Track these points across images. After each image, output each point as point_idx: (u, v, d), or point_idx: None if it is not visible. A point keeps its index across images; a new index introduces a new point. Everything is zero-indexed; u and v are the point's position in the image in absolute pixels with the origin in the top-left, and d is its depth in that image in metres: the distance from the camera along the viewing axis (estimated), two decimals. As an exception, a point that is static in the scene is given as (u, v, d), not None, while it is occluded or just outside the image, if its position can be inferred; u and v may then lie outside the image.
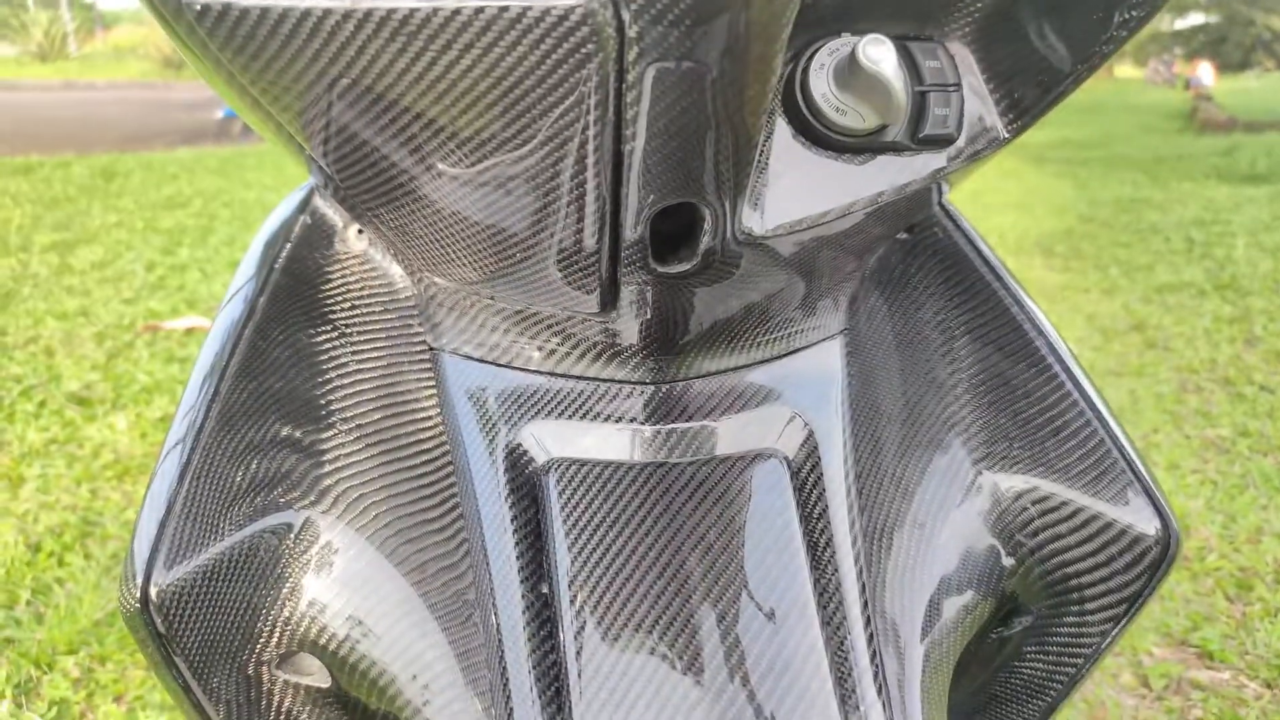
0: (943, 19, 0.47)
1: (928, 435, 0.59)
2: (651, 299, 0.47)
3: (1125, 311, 3.27)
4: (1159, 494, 0.55)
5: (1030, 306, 0.59)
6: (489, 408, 0.53)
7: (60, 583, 1.68)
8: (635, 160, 0.39)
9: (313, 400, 0.55)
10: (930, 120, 0.46)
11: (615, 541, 0.49)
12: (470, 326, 0.54)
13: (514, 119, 0.37)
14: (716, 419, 0.53)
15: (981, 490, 0.58)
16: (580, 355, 0.52)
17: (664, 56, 0.35)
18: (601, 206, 0.41)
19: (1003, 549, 0.57)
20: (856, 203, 0.46)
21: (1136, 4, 0.44)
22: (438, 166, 0.42)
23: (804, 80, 0.44)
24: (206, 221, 4.73)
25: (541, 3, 0.33)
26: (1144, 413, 2.42)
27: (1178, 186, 6.12)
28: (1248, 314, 3.14)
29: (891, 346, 0.61)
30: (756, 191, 0.45)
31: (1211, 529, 1.88)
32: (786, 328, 0.55)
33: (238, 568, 0.50)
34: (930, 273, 0.61)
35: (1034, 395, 0.58)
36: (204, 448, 0.51)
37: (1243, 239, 4.21)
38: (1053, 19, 0.46)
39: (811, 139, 0.46)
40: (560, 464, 0.51)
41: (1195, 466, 2.15)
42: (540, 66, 0.35)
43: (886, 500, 0.56)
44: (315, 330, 0.56)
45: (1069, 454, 0.57)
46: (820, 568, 0.50)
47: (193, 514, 0.49)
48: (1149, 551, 0.54)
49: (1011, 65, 0.47)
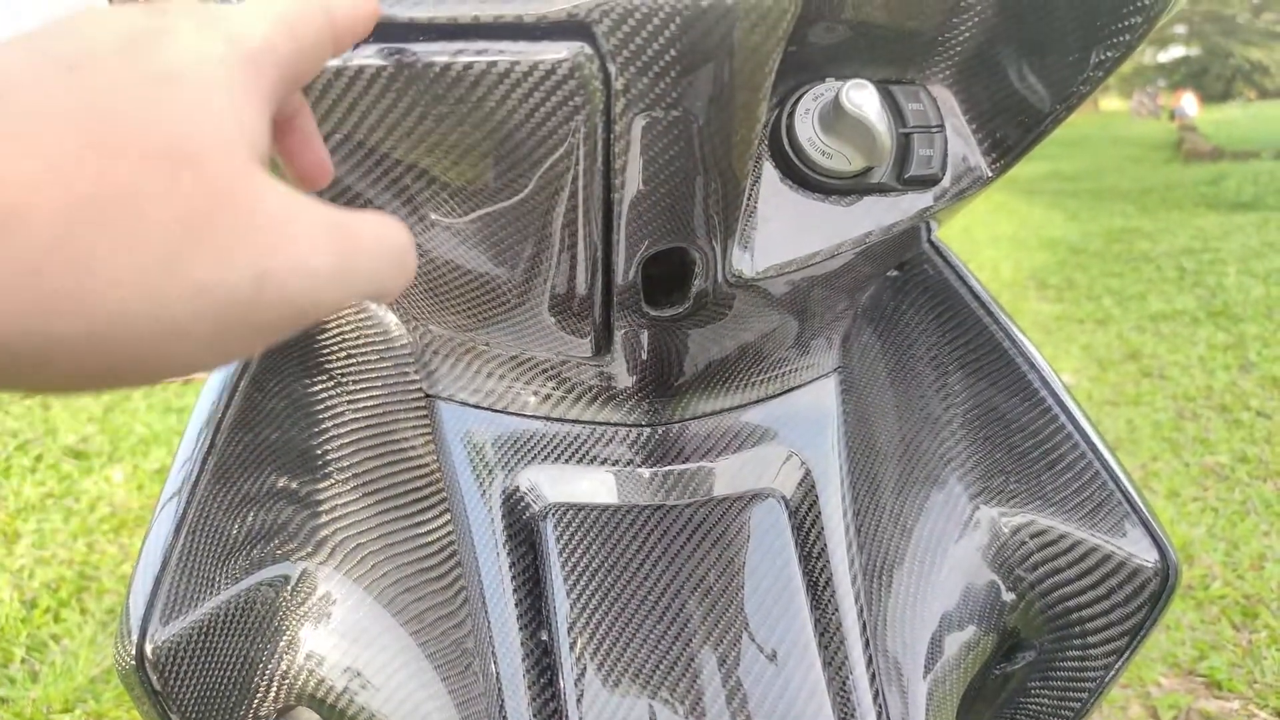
0: (924, 62, 0.48)
1: (924, 471, 0.59)
2: (645, 342, 0.48)
3: (1120, 341, 3.28)
4: (1156, 525, 0.55)
5: (1022, 341, 0.60)
6: (485, 454, 0.53)
7: (56, 639, 1.66)
8: (625, 207, 0.39)
9: (309, 450, 0.55)
10: (915, 161, 0.47)
11: (614, 586, 0.48)
12: (466, 373, 0.54)
13: (506, 169, 0.38)
14: (713, 460, 0.53)
15: (979, 525, 0.58)
16: (576, 399, 0.53)
17: (650, 106, 0.36)
18: (593, 253, 0.42)
19: (1003, 584, 0.57)
20: (845, 243, 0.47)
21: (1112, 44, 0.45)
22: (431, 216, 0.42)
23: (790, 125, 0.45)
24: (203, 271, 4.75)
25: (530, 57, 0.34)
26: (1142, 441, 2.41)
27: (1167, 216, 6.18)
28: (1242, 340, 3.16)
29: (886, 383, 0.61)
30: (746, 234, 0.45)
31: (1214, 556, 1.87)
32: (781, 367, 0.55)
33: (234, 622, 0.50)
34: (922, 309, 0.62)
35: (1028, 429, 0.58)
36: (199, 501, 0.51)
37: (1233, 266, 4.24)
38: (1031, 60, 0.47)
39: (799, 182, 0.46)
40: (557, 509, 0.51)
41: (1195, 494, 2.14)
42: (530, 118, 0.36)
43: (885, 537, 0.56)
44: (311, 380, 0.56)
45: (1065, 487, 0.57)
46: (821, 607, 0.50)
47: (188, 569, 0.49)
48: (1149, 583, 0.54)
49: (992, 106, 0.48)
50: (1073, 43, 0.46)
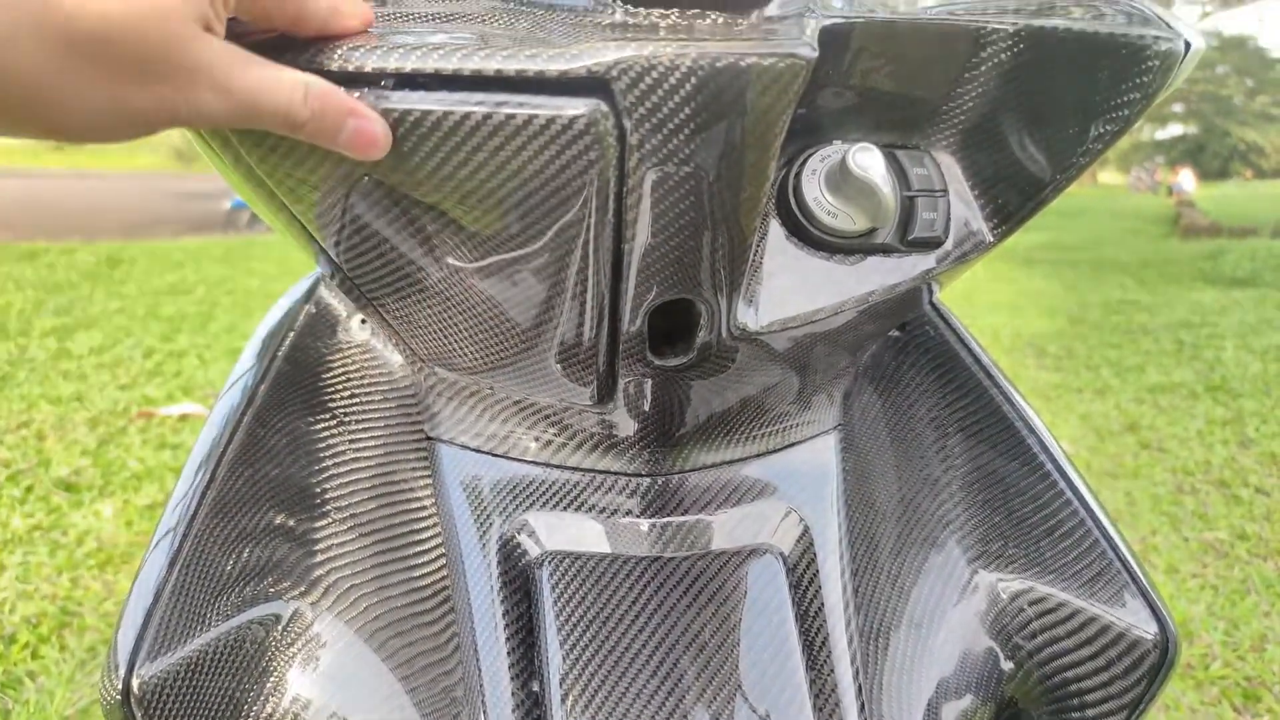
0: (928, 129, 0.49)
1: (923, 533, 0.59)
2: (648, 391, 0.48)
3: (1118, 412, 3.28)
4: (1156, 596, 0.55)
5: (1022, 405, 0.60)
6: (484, 498, 0.53)
7: (32, 676, 1.63)
8: (634, 258, 0.40)
9: (308, 489, 0.55)
10: (918, 223, 0.48)
11: (608, 638, 0.48)
12: (468, 416, 0.55)
13: (520, 217, 0.39)
14: (712, 513, 0.53)
15: (978, 590, 0.58)
16: (577, 446, 0.53)
17: (663, 161, 0.37)
18: (601, 301, 0.42)
19: (1001, 651, 0.56)
20: (848, 301, 0.47)
21: (1111, 119, 0.46)
22: (445, 260, 0.43)
23: (797, 184, 0.46)
24: (208, 309, 4.77)
25: (548, 111, 0.35)
26: (1141, 514, 2.40)
27: (1165, 289, 6.22)
28: (1240, 416, 3.16)
29: (886, 443, 0.61)
30: (751, 289, 0.46)
31: (1214, 635, 1.85)
32: (782, 422, 0.55)
33: (223, 660, 0.49)
34: (922, 370, 0.62)
35: (1027, 494, 0.58)
36: (196, 535, 0.50)
37: (1231, 341, 4.26)
38: (1032, 131, 0.48)
39: (804, 240, 0.47)
40: (554, 557, 0.50)
41: (1195, 570, 2.12)
42: (546, 169, 0.37)
43: (883, 599, 0.55)
44: (314, 418, 0.56)
45: (1064, 554, 0.57)
46: (816, 667, 0.49)
47: (180, 603, 0.49)
48: (1148, 655, 0.54)
49: (995, 173, 0.49)
50: (1073, 115, 0.47)
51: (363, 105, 0.35)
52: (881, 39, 0.44)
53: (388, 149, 0.36)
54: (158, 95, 0.31)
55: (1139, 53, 0.45)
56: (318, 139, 0.35)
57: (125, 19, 0.29)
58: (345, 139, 0.35)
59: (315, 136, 0.35)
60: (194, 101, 0.31)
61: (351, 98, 0.35)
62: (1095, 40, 0.45)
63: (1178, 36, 0.45)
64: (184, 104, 0.31)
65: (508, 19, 0.41)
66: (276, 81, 0.33)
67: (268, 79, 0.33)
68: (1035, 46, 0.45)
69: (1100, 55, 0.45)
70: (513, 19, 0.41)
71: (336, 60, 0.36)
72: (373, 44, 0.36)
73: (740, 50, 0.35)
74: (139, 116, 0.31)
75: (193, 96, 0.31)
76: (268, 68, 0.34)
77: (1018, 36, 0.45)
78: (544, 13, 0.41)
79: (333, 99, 0.35)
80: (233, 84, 0.32)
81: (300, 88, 0.34)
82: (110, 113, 0.30)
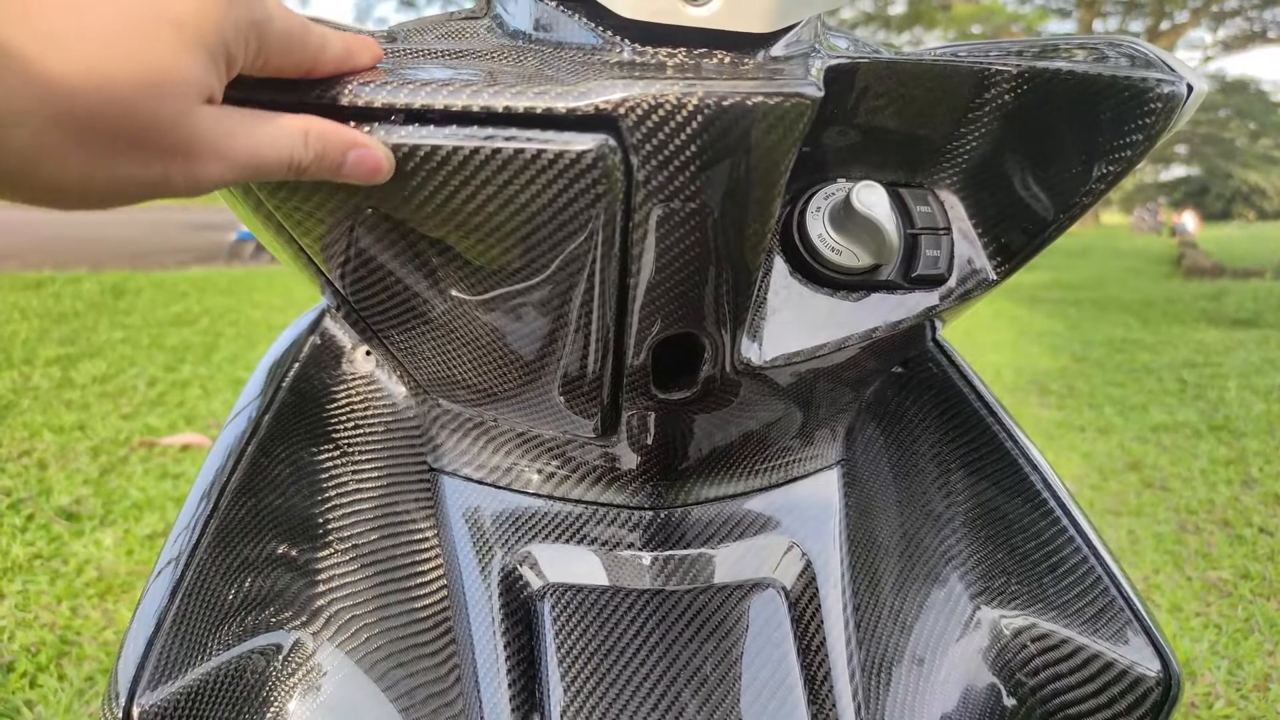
0: (932, 168, 0.50)
1: (925, 569, 0.59)
2: (652, 425, 0.48)
3: (1121, 450, 3.27)
4: (1159, 634, 0.54)
5: (1025, 442, 0.60)
6: (486, 530, 0.53)
7: (30, 705, 1.61)
8: (639, 292, 0.40)
9: (310, 519, 0.55)
10: (922, 261, 0.48)
11: (609, 671, 0.48)
12: (472, 448, 0.55)
13: (527, 251, 0.39)
14: (714, 546, 0.53)
15: (980, 626, 0.57)
16: (580, 479, 0.53)
17: (669, 198, 0.37)
18: (606, 335, 0.43)
19: (1003, 688, 0.56)
20: (851, 337, 0.48)
21: (1114, 159, 0.47)
22: (451, 293, 0.43)
23: (801, 221, 0.47)
24: (212, 339, 4.78)
25: (556, 146, 0.36)
26: (1144, 553, 2.38)
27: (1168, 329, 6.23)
28: (1243, 456, 3.14)
29: (888, 478, 0.61)
30: (755, 324, 0.46)
31: (1217, 675, 1.83)
32: (784, 456, 0.56)
33: (223, 690, 0.49)
34: (925, 406, 0.62)
35: (1030, 531, 0.58)
36: (198, 564, 0.50)
37: (1234, 381, 4.26)
38: (1035, 170, 0.48)
39: (808, 276, 0.48)
40: (556, 589, 0.50)
41: (1198, 609, 2.10)
42: (553, 204, 0.37)
43: (885, 634, 0.55)
44: (318, 449, 0.56)
45: (1067, 591, 0.56)
46: (818, 702, 0.49)
47: (182, 632, 0.49)
48: (1151, 693, 0.53)
49: (998, 212, 0.50)
50: (1076, 156, 0.47)
51: (362, 135, 0.36)
52: (886, 79, 0.44)
53: (390, 173, 0.37)
54: (155, 169, 0.31)
55: (1141, 95, 0.45)
56: (321, 176, 0.36)
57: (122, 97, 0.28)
58: (348, 170, 0.36)
59: (319, 175, 0.36)
60: (193, 173, 0.32)
61: (350, 130, 0.36)
62: (1098, 83, 0.45)
63: (1180, 79, 0.46)
64: (181, 175, 0.31)
65: (516, 56, 0.42)
66: (276, 137, 0.33)
67: (267, 136, 0.33)
68: (1038, 88, 0.46)
69: (1103, 97, 0.46)
70: (521, 56, 0.42)
71: (346, 96, 0.36)
72: (382, 80, 0.37)
73: (746, 89, 0.35)
74: (134, 188, 0.31)
75: (190, 168, 0.31)
76: (266, 123, 0.34)
77: (1021, 78, 0.46)
78: (552, 50, 0.42)
79: (333, 136, 0.35)
80: (233, 149, 0.32)
81: (300, 134, 0.34)
82: (105, 184, 0.30)
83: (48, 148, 0.28)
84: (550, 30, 0.43)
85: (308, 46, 0.35)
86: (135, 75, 0.29)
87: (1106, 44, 0.50)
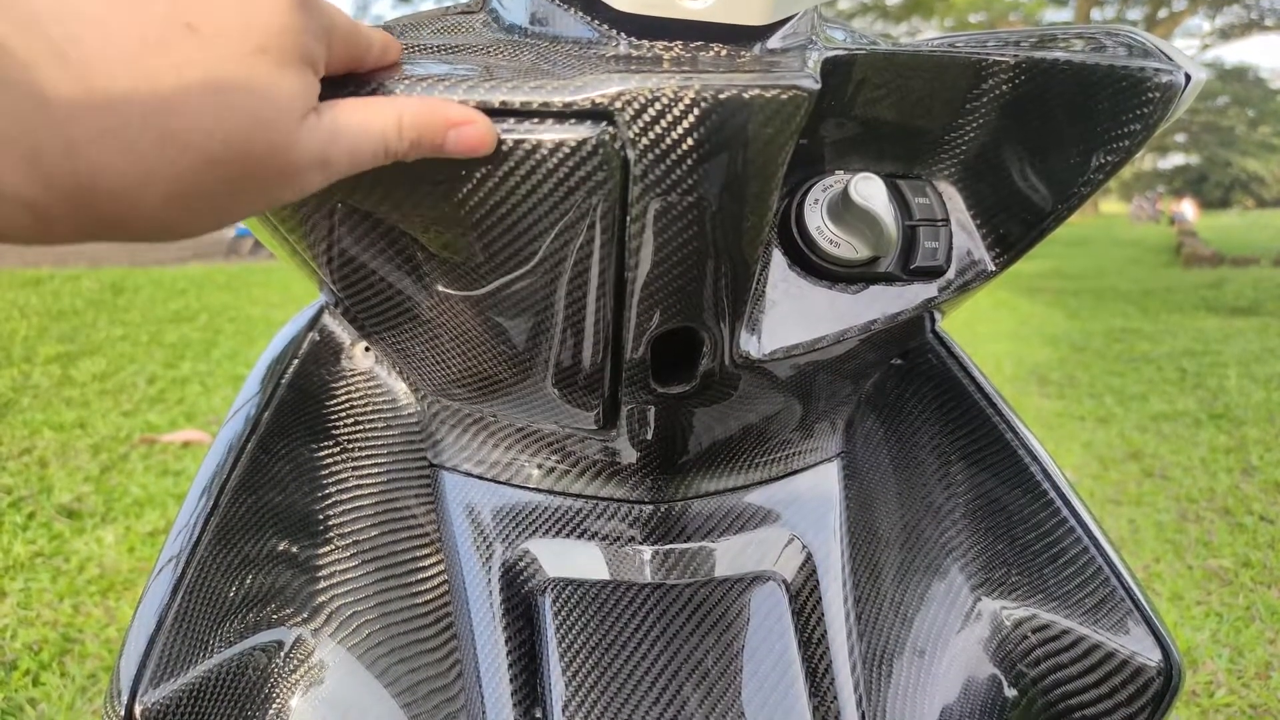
0: (930, 159, 0.50)
1: (926, 560, 0.59)
2: (651, 419, 0.48)
3: (1121, 440, 3.27)
4: (1160, 624, 0.55)
5: (1025, 433, 0.60)
6: (486, 525, 0.53)
7: (33, 703, 1.62)
8: (637, 286, 0.40)
9: (311, 515, 0.55)
10: (920, 253, 0.48)
11: (611, 665, 0.48)
12: (471, 443, 0.55)
13: (524, 245, 0.39)
14: (714, 540, 0.53)
15: (981, 617, 0.57)
16: (580, 473, 0.53)
17: (666, 191, 0.37)
18: (604, 329, 0.43)
19: (1004, 679, 0.56)
20: (850, 329, 0.48)
21: (1112, 149, 0.47)
22: (449, 288, 0.43)
23: (799, 214, 0.47)
24: (211, 336, 4.79)
25: (553, 141, 0.35)
26: (1145, 542, 2.39)
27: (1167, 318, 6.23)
28: (1244, 444, 3.15)
29: (888, 470, 0.61)
30: (754, 317, 0.46)
31: (1219, 663, 1.83)
32: (784, 449, 0.56)
33: (226, 687, 0.49)
34: (925, 398, 0.62)
35: (1030, 522, 0.58)
36: (199, 562, 0.51)
37: (1234, 370, 4.26)
38: (1033, 161, 0.48)
39: (806, 269, 0.48)
40: (557, 584, 0.50)
41: (1199, 598, 2.11)
42: (550, 198, 0.37)
43: (886, 626, 0.55)
44: (318, 445, 0.56)
45: (1067, 581, 0.57)
46: (819, 694, 0.49)
47: (183, 630, 0.49)
48: (1152, 682, 0.53)
49: (996, 203, 0.50)
50: (1074, 146, 0.47)
51: (459, 109, 0.35)
52: (883, 71, 0.44)
53: (493, 146, 0.36)
54: (271, 192, 0.31)
55: (1139, 85, 0.45)
56: (425, 155, 0.35)
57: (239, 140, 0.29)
58: (450, 150, 0.35)
59: (421, 155, 0.35)
60: (301, 185, 0.32)
61: (447, 105, 0.35)
62: (1096, 72, 0.45)
63: (1178, 68, 0.46)
64: (291, 190, 0.32)
65: (512, 51, 0.42)
66: (368, 132, 0.33)
67: (361, 132, 0.33)
68: (1036, 79, 0.46)
69: (1101, 87, 0.46)
70: (517, 51, 0.42)
71: (347, 93, 0.36)
72: (381, 78, 0.36)
73: (743, 82, 0.35)
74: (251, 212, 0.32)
75: (299, 181, 0.32)
76: (362, 117, 0.33)
77: (1019, 69, 0.46)
78: (548, 44, 0.42)
79: (429, 118, 0.34)
80: (336, 154, 0.32)
81: (393, 123, 0.34)
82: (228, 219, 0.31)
83: (177, 205, 0.28)
84: (546, 24, 0.43)
85: (359, 44, 0.35)
86: (241, 119, 0.29)
87: (1104, 33, 0.50)
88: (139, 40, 0.27)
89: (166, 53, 0.27)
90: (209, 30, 0.28)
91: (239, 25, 0.29)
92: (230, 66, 0.28)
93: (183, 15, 0.28)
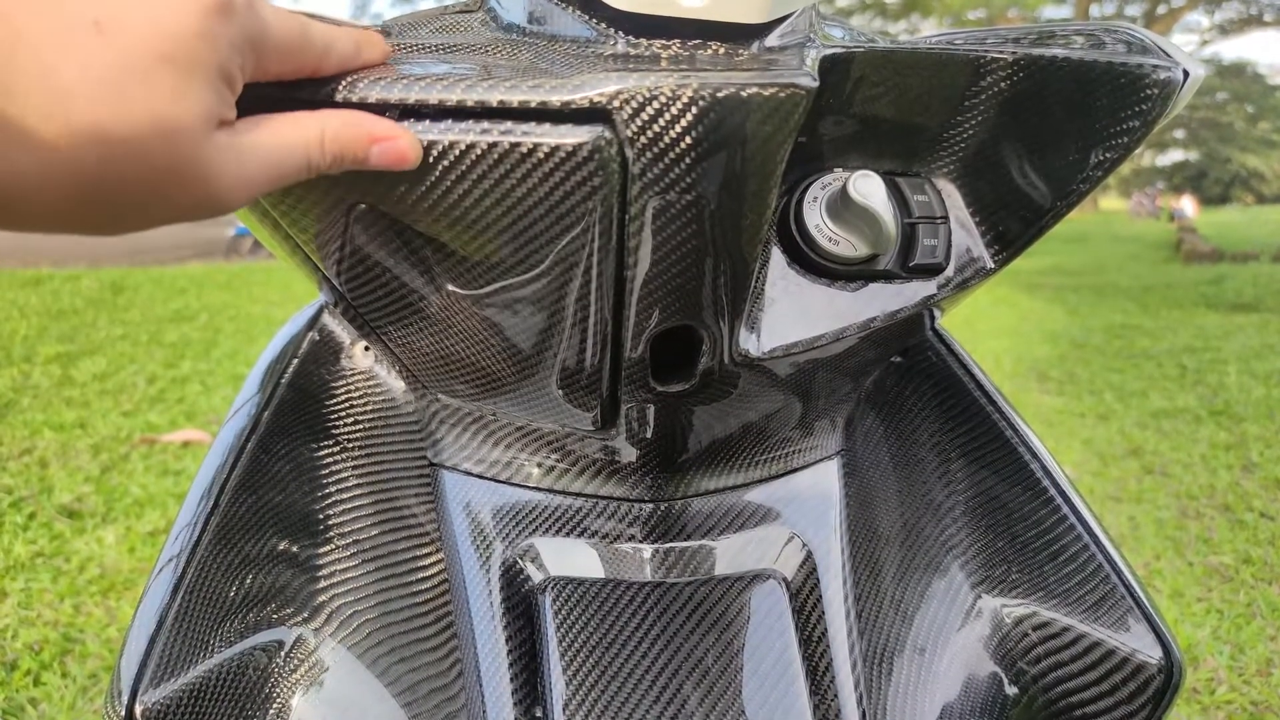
0: (928, 156, 0.50)
1: (926, 558, 0.59)
2: (651, 418, 0.48)
3: (1121, 437, 3.27)
4: (1160, 621, 0.55)
5: (1025, 430, 0.60)
6: (486, 524, 0.53)
7: (34, 703, 1.62)
8: (637, 285, 0.40)
9: (311, 515, 0.55)
10: (920, 250, 0.48)
11: (611, 664, 0.48)
12: (471, 442, 0.55)
13: (523, 245, 0.39)
14: (715, 538, 0.53)
15: (981, 615, 0.57)
16: (579, 472, 0.53)
17: (665, 190, 0.37)
18: (604, 328, 0.43)
19: (1005, 677, 0.56)
20: (849, 327, 0.48)
21: (1111, 146, 0.47)
22: (448, 288, 0.43)
23: (798, 212, 0.47)
24: (211, 335, 4.78)
25: (552, 139, 0.35)
26: (1145, 539, 2.39)
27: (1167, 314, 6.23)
28: (1244, 440, 3.15)
29: (888, 468, 0.61)
30: (753, 316, 0.46)
31: (1220, 660, 1.83)
32: (784, 448, 0.56)
33: (226, 686, 0.49)
34: (925, 396, 0.62)
35: (1030, 519, 0.58)
36: (199, 562, 0.51)
37: (1234, 366, 4.26)
38: (1032, 158, 0.48)
39: (806, 267, 0.48)
40: (557, 583, 0.50)
41: (1200, 595, 2.11)
42: (549, 198, 0.37)
43: (886, 624, 0.55)
44: (318, 444, 0.56)
45: (1068, 579, 0.57)
46: (820, 693, 0.49)
47: (184, 630, 0.49)
48: (1153, 680, 0.53)
49: (995, 200, 0.50)
50: (1073, 142, 0.47)
51: (383, 125, 0.35)
52: (881, 68, 0.44)
53: (419, 160, 0.36)
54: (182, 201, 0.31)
55: (1138, 81, 0.45)
56: (348, 169, 0.35)
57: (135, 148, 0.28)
58: (374, 164, 0.35)
59: (344, 169, 0.35)
60: (217, 198, 0.31)
61: (371, 121, 0.35)
62: (1094, 69, 0.45)
63: (1176, 65, 0.45)
64: (208, 202, 0.31)
65: (510, 50, 0.42)
66: (289, 147, 0.33)
67: (280, 148, 0.33)
68: (1034, 75, 0.46)
69: (1099, 84, 0.46)
70: (515, 50, 0.42)
71: (340, 93, 0.36)
72: (376, 76, 0.36)
73: (741, 80, 0.35)
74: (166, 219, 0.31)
75: (213, 194, 0.31)
76: (281, 133, 0.33)
77: (1017, 66, 0.46)
78: (546, 44, 0.42)
79: (351, 133, 0.34)
80: (251, 170, 0.32)
81: (315, 137, 0.33)
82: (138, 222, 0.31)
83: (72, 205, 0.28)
84: (544, 23, 0.43)
85: (309, 49, 0.35)
86: (141, 123, 0.28)
87: (1103, 30, 0.50)
88: (45, 32, 0.27)
89: (71, 47, 0.27)
90: (114, 30, 0.28)
91: (146, 29, 0.28)
92: (132, 70, 0.28)
93: (91, 12, 0.27)
